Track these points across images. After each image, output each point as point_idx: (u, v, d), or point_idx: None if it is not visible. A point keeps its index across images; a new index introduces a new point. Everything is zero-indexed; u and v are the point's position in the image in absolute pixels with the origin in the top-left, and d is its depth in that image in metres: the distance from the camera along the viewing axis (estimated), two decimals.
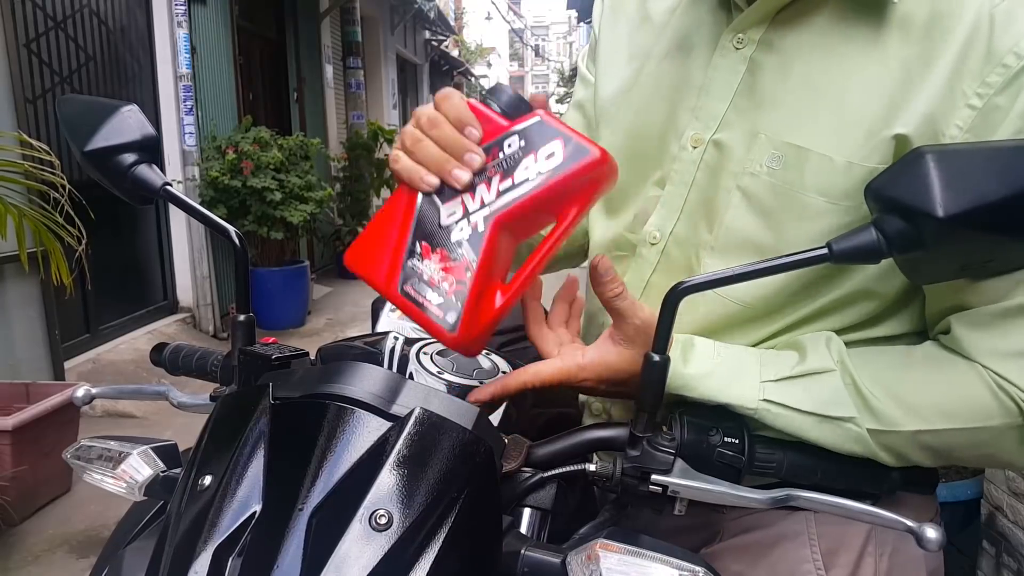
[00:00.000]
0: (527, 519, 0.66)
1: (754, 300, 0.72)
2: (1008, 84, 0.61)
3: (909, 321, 0.73)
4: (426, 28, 13.76)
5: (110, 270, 4.23)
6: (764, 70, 0.71)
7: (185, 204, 0.78)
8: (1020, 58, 0.61)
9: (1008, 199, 0.51)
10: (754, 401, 0.66)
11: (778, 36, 0.70)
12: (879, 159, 0.65)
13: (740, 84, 0.72)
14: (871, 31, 0.66)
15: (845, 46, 0.67)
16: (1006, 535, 1.96)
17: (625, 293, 0.67)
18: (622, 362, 0.68)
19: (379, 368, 0.61)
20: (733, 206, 0.71)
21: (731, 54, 0.72)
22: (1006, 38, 0.61)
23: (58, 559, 2.47)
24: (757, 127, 0.70)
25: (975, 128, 0.62)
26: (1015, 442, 0.64)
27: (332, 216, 7.44)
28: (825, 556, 0.74)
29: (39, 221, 2.32)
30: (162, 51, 4.78)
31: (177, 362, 0.89)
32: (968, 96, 0.62)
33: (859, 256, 0.55)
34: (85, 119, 0.77)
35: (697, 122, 0.74)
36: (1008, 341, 0.63)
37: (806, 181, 0.67)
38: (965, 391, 0.64)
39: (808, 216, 0.68)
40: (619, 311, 0.67)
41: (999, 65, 0.61)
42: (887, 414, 0.65)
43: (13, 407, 2.64)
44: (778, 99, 0.70)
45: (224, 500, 0.54)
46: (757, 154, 0.70)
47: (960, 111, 0.63)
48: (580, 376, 0.69)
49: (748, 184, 0.70)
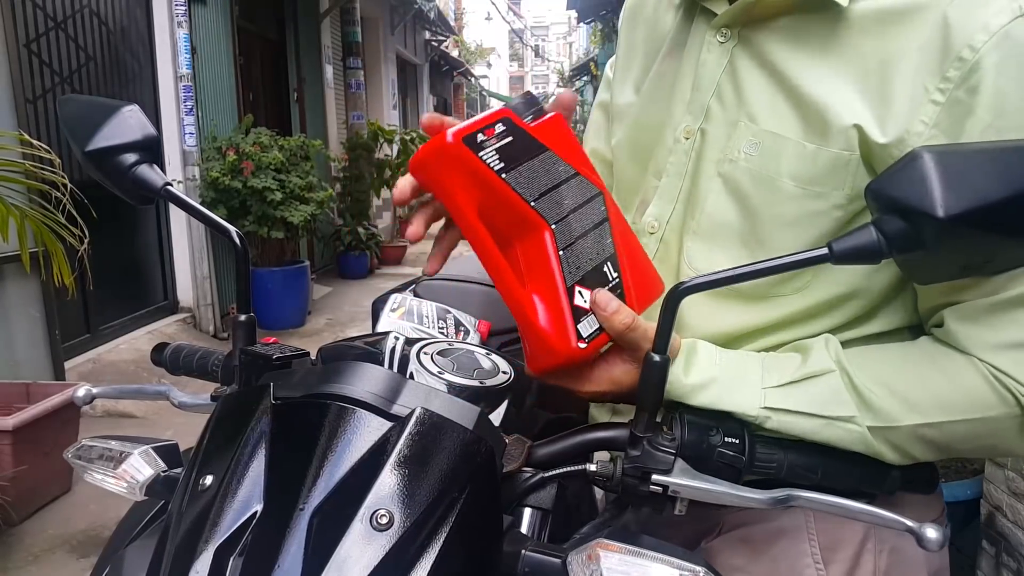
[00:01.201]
0: (528, 519, 0.66)
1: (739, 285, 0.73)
2: (966, 78, 0.62)
3: (903, 315, 0.74)
4: (426, 28, 13.75)
5: (111, 270, 4.23)
6: (743, 63, 0.74)
7: (186, 204, 0.78)
8: (975, 51, 0.61)
9: (1008, 199, 0.51)
10: (755, 409, 0.66)
11: (753, 32, 0.74)
12: (843, 145, 0.67)
13: (722, 76, 0.76)
14: (828, 27, 0.69)
15: (807, 39, 0.71)
16: (1006, 535, 1.96)
17: (636, 323, 0.65)
18: (626, 376, 0.68)
19: (380, 368, 0.61)
20: (714, 192, 0.75)
21: (715, 48, 0.76)
22: (962, 32, 0.62)
23: (58, 559, 2.47)
24: (737, 116, 0.74)
25: (941, 123, 0.63)
26: (1014, 432, 0.65)
27: (332, 216, 7.44)
28: (824, 551, 0.74)
29: (41, 222, 2.32)
30: (162, 51, 4.78)
31: (178, 362, 0.89)
32: (931, 92, 0.63)
33: (859, 256, 0.55)
34: (86, 119, 0.77)
35: (689, 115, 0.78)
36: (1002, 334, 0.64)
37: (781, 166, 0.70)
38: (962, 384, 0.65)
39: (780, 200, 0.70)
40: (632, 343, 0.66)
41: (956, 59, 0.62)
42: (886, 410, 0.65)
43: (13, 407, 2.64)
44: (754, 89, 0.73)
45: (225, 500, 0.54)
46: (737, 141, 0.73)
47: (924, 107, 0.64)
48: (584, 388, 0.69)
49: (728, 170, 0.73)
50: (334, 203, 6.95)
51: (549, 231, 0.63)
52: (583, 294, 0.64)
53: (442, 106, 17.46)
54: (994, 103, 0.61)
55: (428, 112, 9.50)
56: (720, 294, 0.74)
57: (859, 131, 0.66)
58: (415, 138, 8.47)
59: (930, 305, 0.70)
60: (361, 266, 7.66)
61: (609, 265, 0.66)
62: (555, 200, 0.64)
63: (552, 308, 0.63)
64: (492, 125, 0.60)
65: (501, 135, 0.60)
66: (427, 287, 1.17)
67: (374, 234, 7.83)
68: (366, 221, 7.90)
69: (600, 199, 0.68)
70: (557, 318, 0.62)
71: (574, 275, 0.64)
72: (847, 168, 0.67)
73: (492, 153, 0.60)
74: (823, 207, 0.69)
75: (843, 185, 0.68)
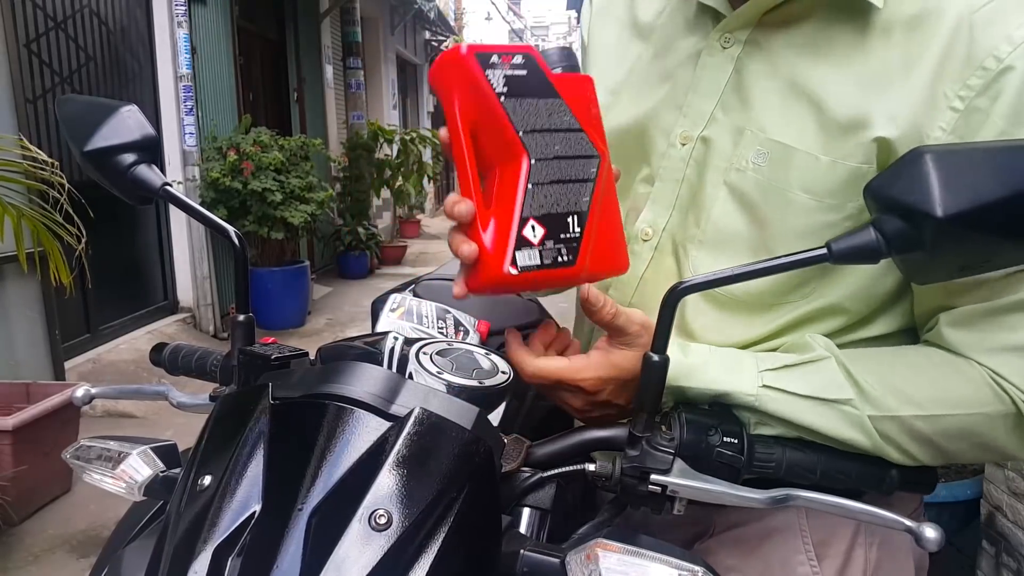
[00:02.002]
0: (526, 519, 0.66)
1: (745, 295, 0.73)
2: (988, 87, 0.62)
3: (900, 319, 0.74)
4: (426, 28, 13.75)
5: (110, 270, 4.23)
6: (751, 69, 0.73)
7: (184, 204, 0.78)
8: (999, 61, 0.62)
9: (1007, 199, 0.51)
10: (754, 388, 0.66)
11: (764, 37, 0.72)
12: (862, 158, 0.67)
13: (728, 83, 0.74)
14: (855, 35, 0.68)
15: (830, 48, 0.69)
16: (1006, 535, 1.96)
17: (619, 311, 0.68)
18: (625, 360, 0.68)
19: (379, 368, 0.61)
20: (720, 201, 0.73)
21: (718, 53, 0.74)
22: (986, 42, 0.63)
23: (58, 559, 2.47)
24: (744, 124, 0.72)
25: (958, 130, 0.64)
26: (1007, 430, 0.66)
27: (332, 216, 7.44)
28: (817, 547, 0.75)
29: (38, 221, 2.32)
30: (162, 51, 4.78)
31: (177, 362, 0.89)
32: (950, 99, 0.64)
33: (858, 256, 0.55)
34: (84, 119, 0.77)
35: (685, 119, 0.76)
36: (998, 338, 0.65)
37: (791, 178, 0.69)
38: (958, 379, 0.66)
39: (793, 212, 0.69)
40: (618, 329, 0.68)
41: (979, 68, 0.63)
42: (881, 400, 0.66)
43: (13, 407, 2.64)
44: (764, 98, 0.71)
45: (224, 500, 0.54)
46: (744, 150, 0.72)
47: (943, 113, 0.64)
48: (582, 375, 0.69)
49: (735, 179, 0.72)
50: (334, 203, 6.96)
51: (527, 162, 0.63)
52: (535, 229, 0.64)
53: None
54: (1011, 111, 0.62)
55: (429, 111, 9.37)
56: (726, 306, 0.74)
57: (880, 144, 0.66)
58: (415, 138, 8.47)
59: (926, 309, 0.71)
60: (361, 266, 7.67)
61: (575, 218, 0.66)
62: (546, 141, 0.64)
63: (500, 229, 0.63)
64: (511, 54, 0.62)
65: (517, 66, 0.62)
66: (427, 287, 1.17)
67: (374, 234, 7.84)
68: (366, 221, 7.90)
69: (595, 162, 0.67)
70: (500, 239, 0.63)
71: (534, 210, 0.64)
72: (865, 179, 0.66)
73: (500, 77, 0.61)
74: (836, 218, 0.69)
75: (858, 196, 0.67)
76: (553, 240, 0.65)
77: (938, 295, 0.68)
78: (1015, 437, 0.66)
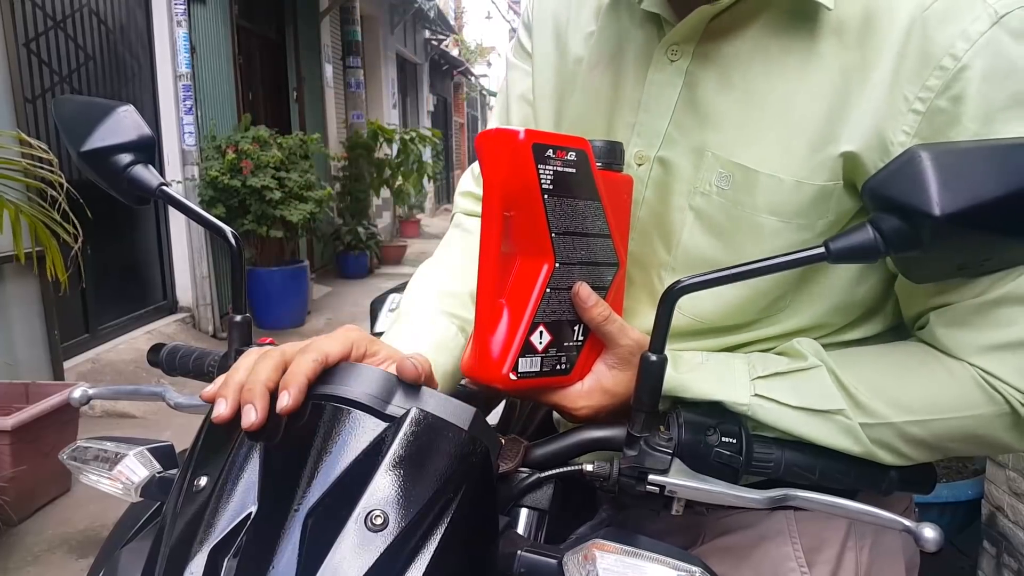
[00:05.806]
0: (524, 519, 0.65)
1: (715, 316, 0.72)
2: (948, 86, 0.60)
3: (883, 322, 0.74)
4: (426, 27, 13.75)
5: (109, 270, 4.24)
6: (703, 83, 0.69)
7: (181, 204, 0.78)
8: (956, 59, 0.60)
9: (1005, 197, 0.51)
10: (746, 397, 0.66)
11: (713, 48, 0.68)
12: (828, 176, 0.65)
13: (679, 99, 0.71)
14: (807, 39, 0.65)
15: (784, 56, 0.66)
16: (1007, 535, 1.95)
17: (612, 316, 0.66)
18: (618, 385, 0.68)
19: (375, 368, 0.60)
20: (688, 225, 0.71)
21: (666, 67, 0.71)
22: (941, 39, 0.60)
23: (57, 559, 2.48)
24: (703, 144, 0.69)
25: (921, 132, 0.61)
26: (1004, 428, 0.65)
27: (332, 216, 7.44)
28: (807, 553, 0.74)
29: (35, 216, 2.32)
30: (162, 51, 4.78)
31: (174, 363, 0.88)
32: (911, 101, 0.62)
33: (856, 255, 0.55)
34: (81, 119, 0.77)
35: (639, 139, 0.73)
36: (988, 336, 0.64)
37: (757, 201, 0.67)
38: (950, 384, 0.65)
39: (763, 236, 0.68)
40: (609, 335, 0.67)
41: (936, 68, 0.60)
42: (872, 407, 0.65)
43: (13, 407, 2.64)
44: (721, 114, 0.68)
45: (220, 501, 0.54)
46: (706, 173, 0.69)
47: (905, 116, 0.62)
48: (579, 403, 0.68)
49: (700, 203, 0.70)
50: (334, 202, 6.96)
51: (550, 266, 0.63)
52: (543, 335, 0.64)
53: (442, 105, 17.44)
54: (980, 112, 0.60)
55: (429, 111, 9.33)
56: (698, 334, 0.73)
57: (846, 158, 0.64)
58: (415, 137, 8.48)
59: (916, 311, 0.70)
60: (361, 266, 7.67)
61: (580, 327, 0.66)
62: (574, 245, 0.64)
63: (509, 331, 0.63)
64: (567, 149, 0.61)
65: (568, 163, 0.61)
66: None
67: (374, 234, 7.84)
68: (366, 221, 7.91)
69: (613, 270, 0.67)
70: (507, 342, 0.63)
71: (545, 315, 0.64)
72: (832, 196, 0.66)
73: (549, 172, 0.61)
74: (808, 236, 0.67)
75: (827, 213, 0.66)
76: (556, 348, 0.65)
77: (928, 294, 0.67)
78: (1014, 435, 0.65)
